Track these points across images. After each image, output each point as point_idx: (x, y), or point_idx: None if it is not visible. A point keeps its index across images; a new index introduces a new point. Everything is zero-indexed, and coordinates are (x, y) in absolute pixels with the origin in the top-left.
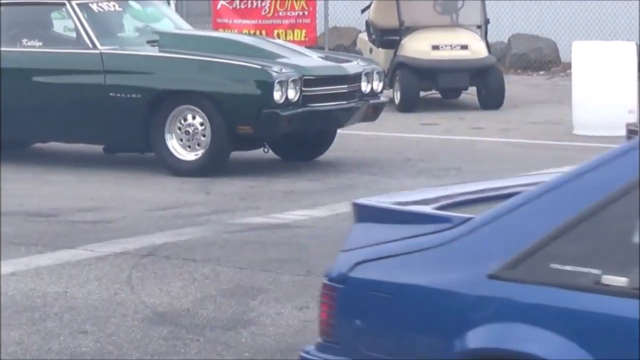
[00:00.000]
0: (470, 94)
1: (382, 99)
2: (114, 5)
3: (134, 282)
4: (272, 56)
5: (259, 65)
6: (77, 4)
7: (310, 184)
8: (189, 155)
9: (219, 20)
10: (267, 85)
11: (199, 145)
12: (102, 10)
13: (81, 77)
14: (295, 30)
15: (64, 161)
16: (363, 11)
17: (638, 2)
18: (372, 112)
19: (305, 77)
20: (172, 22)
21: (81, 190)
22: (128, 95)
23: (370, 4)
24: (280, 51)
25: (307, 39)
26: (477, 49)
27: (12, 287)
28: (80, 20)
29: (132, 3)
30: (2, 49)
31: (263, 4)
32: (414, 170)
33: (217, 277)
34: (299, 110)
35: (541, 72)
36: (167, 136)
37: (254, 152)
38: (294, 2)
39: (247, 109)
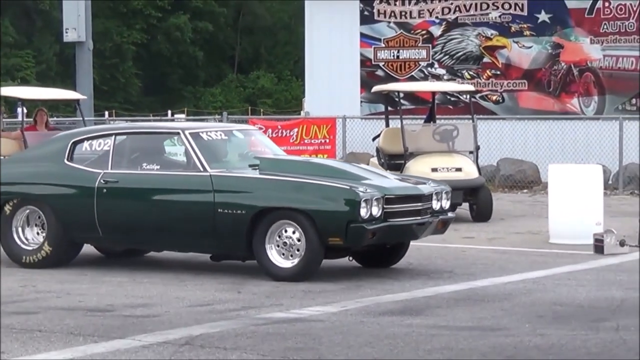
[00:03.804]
0: (464, 209)
1: (450, 214)
2: (220, 135)
3: None
4: (357, 178)
5: (347, 185)
6: (190, 133)
7: (325, 285)
8: (286, 263)
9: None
10: (354, 203)
11: (294, 254)
12: (210, 138)
13: (193, 196)
14: (319, 155)
15: (118, 265)
16: (374, 139)
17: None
18: (442, 226)
19: (386, 196)
20: (269, 148)
21: (133, 290)
22: (234, 211)
23: (380, 133)
24: (364, 174)
25: None
26: (470, 171)
27: None
28: (192, 147)
29: (235, 132)
30: (125, 171)
31: (291, 133)
32: (414, 273)
33: None
34: (381, 224)
35: (524, 191)
36: (268, 247)
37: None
38: (317, 131)
39: (337, 224)
